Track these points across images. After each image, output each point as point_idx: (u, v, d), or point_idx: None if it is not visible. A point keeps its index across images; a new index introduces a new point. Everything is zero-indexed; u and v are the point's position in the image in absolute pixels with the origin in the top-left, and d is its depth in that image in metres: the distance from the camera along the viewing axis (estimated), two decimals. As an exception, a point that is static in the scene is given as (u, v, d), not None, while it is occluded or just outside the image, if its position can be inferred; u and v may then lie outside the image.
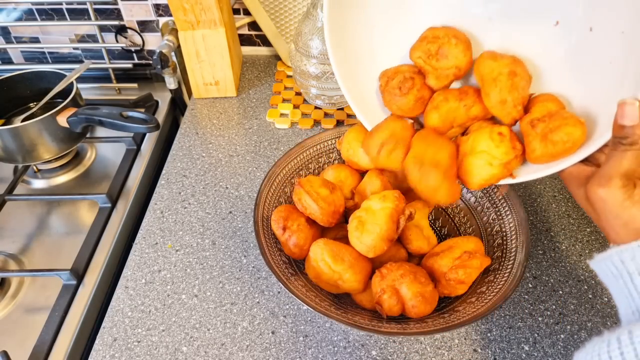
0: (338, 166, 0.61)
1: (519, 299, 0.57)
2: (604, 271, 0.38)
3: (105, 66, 0.95)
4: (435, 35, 0.48)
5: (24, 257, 0.68)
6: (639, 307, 0.34)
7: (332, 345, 0.53)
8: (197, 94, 0.87)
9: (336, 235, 0.56)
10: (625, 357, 0.30)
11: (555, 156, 0.42)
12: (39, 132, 0.72)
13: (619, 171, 0.35)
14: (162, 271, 0.61)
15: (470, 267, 0.49)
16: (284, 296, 0.58)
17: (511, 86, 0.44)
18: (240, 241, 0.64)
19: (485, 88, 0.46)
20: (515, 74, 0.44)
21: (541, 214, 0.66)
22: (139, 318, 0.56)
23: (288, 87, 0.89)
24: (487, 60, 0.46)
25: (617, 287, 0.36)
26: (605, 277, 0.38)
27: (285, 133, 0.80)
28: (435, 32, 0.48)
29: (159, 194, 0.71)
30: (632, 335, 0.30)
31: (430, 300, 0.48)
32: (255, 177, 0.73)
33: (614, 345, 0.31)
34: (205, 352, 0.53)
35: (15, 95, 0.80)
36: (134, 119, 0.71)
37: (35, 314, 0.61)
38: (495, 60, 0.45)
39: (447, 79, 0.48)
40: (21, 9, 0.92)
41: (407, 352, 0.52)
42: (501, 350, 0.52)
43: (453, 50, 0.47)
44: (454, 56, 0.47)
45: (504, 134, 0.44)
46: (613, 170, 0.35)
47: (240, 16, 0.94)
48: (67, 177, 0.80)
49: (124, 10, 0.92)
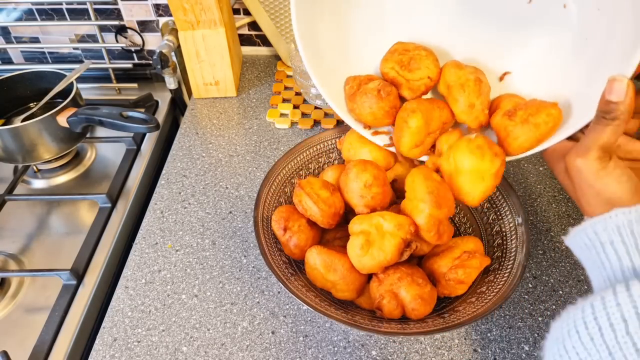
0: (338, 166, 0.61)
1: (519, 299, 0.57)
2: (578, 245, 0.39)
3: (105, 66, 0.95)
4: (405, 48, 0.51)
5: (24, 257, 0.68)
6: (610, 276, 0.35)
7: (332, 345, 0.53)
8: (197, 94, 0.87)
9: (336, 235, 0.56)
10: (599, 322, 0.31)
11: (540, 139, 0.44)
12: (39, 132, 0.72)
13: (597, 143, 0.37)
14: (162, 271, 0.61)
15: (470, 267, 0.49)
16: (284, 296, 0.58)
17: (478, 91, 0.47)
18: (240, 241, 0.64)
19: (453, 94, 0.48)
20: (480, 81, 0.47)
21: (541, 214, 0.66)
22: (139, 318, 0.56)
23: (288, 87, 0.89)
24: (453, 69, 0.48)
25: (590, 259, 0.37)
26: (579, 250, 0.39)
27: (285, 133, 0.80)
28: (404, 46, 0.51)
29: (159, 194, 0.71)
30: (605, 300, 0.31)
31: (430, 301, 0.49)
32: (255, 177, 0.73)
33: (587, 312, 0.32)
34: (205, 352, 0.53)
35: (15, 95, 0.80)
36: (134, 119, 0.71)
37: (35, 314, 0.61)
38: (461, 69, 0.48)
39: (419, 90, 0.50)
40: (21, 9, 0.92)
41: (407, 352, 0.52)
42: (501, 350, 0.52)
43: (424, 61, 0.49)
44: (425, 67, 0.49)
45: (481, 145, 0.45)
46: (592, 142, 0.37)
47: (240, 16, 0.94)
48: (67, 177, 0.80)
49: (124, 10, 0.92)
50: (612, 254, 0.35)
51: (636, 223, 0.34)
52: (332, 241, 0.56)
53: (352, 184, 0.51)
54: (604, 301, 0.31)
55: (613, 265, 0.35)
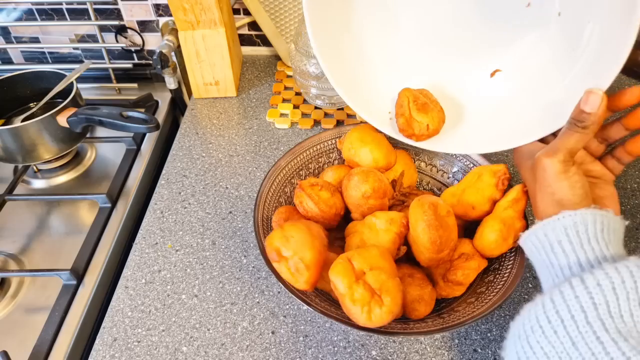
0: (338, 167, 0.61)
1: (519, 299, 0.57)
2: (529, 247, 0.43)
3: (105, 66, 0.95)
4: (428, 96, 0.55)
5: (24, 257, 0.68)
6: (558, 274, 0.38)
7: (332, 345, 0.53)
8: (197, 94, 0.87)
9: (336, 236, 0.56)
10: (561, 315, 0.33)
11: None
12: (39, 132, 0.72)
13: (565, 146, 0.40)
14: (162, 271, 0.61)
15: (468, 268, 0.49)
16: (284, 296, 0.58)
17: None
18: (240, 241, 0.64)
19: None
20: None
21: (541, 214, 0.66)
22: (139, 318, 0.56)
23: (288, 87, 0.89)
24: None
25: (540, 260, 0.41)
26: (530, 252, 0.43)
27: (285, 133, 0.80)
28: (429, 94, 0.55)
29: (159, 194, 0.71)
30: (563, 294, 0.33)
31: (430, 301, 0.49)
32: (255, 177, 0.73)
33: (548, 306, 0.34)
34: (205, 352, 0.53)
35: (15, 95, 0.80)
36: (134, 119, 0.71)
37: (35, 314, 0.61)
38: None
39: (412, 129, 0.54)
40: (21, 9, 0.92)
41: (407, 352, 0.52)
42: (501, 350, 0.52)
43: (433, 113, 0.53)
44: (432, 117, 0.53)
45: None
46: (561, 144, 0.41)
47: (240, 16, 0.94)
48: (67, 177, 0.80)
49: (124, 10, 0.92)
50: (560, 252, 0.38)
51: (581, 224, 0.38)
52: (332, 242, 0.56)
53: (352, 191, 0.52)
54: (563, 295, 0.33)
55: (561, 262, 0.38)
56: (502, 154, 0.74)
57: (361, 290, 0.42)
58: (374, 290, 0.43)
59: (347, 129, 0.63)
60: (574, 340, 0.32)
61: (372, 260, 0.44)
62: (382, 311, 0.42)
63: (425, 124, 0.53)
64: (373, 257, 0.44)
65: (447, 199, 0.55)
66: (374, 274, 0.43)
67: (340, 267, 0.44)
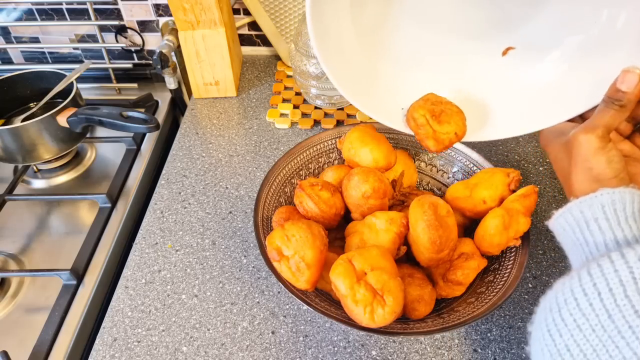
0: (338, 167, 0.61)
1: (519, 299, 0.57)
2: (562, 226, 0.41)
3: (105, 66, 0.95)
4: (438, 100, 0.52)
5: (24, 257, 0.68)
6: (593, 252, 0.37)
7: (332, 345, 0.53)
8: (197, 94, 0.87)
9: (336, 236, 0.56)
10: (599, 287, 0.32)
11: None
12: (39, 132, 0.72)
13: (602, 123, 0.40)
14: (162, 271, 0.61)
15: (468, 268, 0.49)
16: (284, 296, 0.58)
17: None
18: (240, 241, 0.64)
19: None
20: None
21: (541, 214, 0.66)
22: (139, 318, 0.56)
23: (288, 87, 0.89)
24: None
25: (574, 238, 0.40)
26: (562, 231, 0.42)
27: (285, 133, 0.80)
28: (436, 97, 0.52)
29: (159, 194, 0.71)
30: (602, 267, 0.33)
31: (430, 301, 0.49)
32: (255, 177, 0.73)
33: (585, 279, 0.33)
34: (205, 352, 0.53)
35: (15, 95, 0.80)
36: (134, 119, 0.71)
37: (35, 314, 0.61)
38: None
39: (443, 143, 0.51)
40: (21, 9, 0.92)
41: (407, 352, 0.52)
42: (501, 350, 0.52)
43: (455, 117, 0.51)
44: (455, 122, 0.51)
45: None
46: (598, 121, 0.41)
47: (240, 16, 0.94)
48: (67, 177, 0.80)
49: (124, 10, 0.92)
50: (596, 229, 0.37)
51: (619, 202, 0.37)
52: (332, 242, 0.56)
53: (352, 191, 0.52)
54: (602, 268, 0.33)
55: (597, 239, 0.37)
56: (502, 154, 0.74)
57: (363, 290, 0.42)
58: (376, 291, 0.43)
59: (347, 129, 0.63)
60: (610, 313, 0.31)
61: (373, 261, 0.44)
62: (385, 311, 0.42)
63: (452, 132, 0.51)
64: (374, 258, 0.44)
65: (459, 191, 0.55)
66: (375, 274, 0.43)
67: (341, 268, 0.44)
